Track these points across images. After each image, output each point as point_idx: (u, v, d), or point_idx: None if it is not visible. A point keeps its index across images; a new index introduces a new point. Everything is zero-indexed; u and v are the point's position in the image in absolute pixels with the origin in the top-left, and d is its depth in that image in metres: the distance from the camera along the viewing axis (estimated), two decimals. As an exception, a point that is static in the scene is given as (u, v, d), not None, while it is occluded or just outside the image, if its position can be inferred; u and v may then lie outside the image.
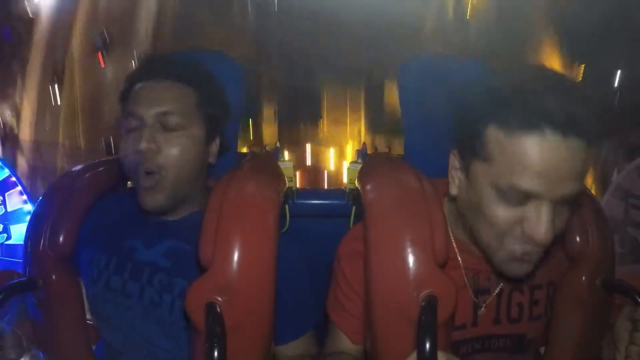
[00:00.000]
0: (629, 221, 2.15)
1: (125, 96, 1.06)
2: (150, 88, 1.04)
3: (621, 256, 2.11)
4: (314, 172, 3.87)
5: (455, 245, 0.95)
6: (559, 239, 0.88)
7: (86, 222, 1.08)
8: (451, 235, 0.96)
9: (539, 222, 0.79)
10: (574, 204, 0.83)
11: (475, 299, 0.96)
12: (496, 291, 0.97)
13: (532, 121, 0.76)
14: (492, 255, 0.88)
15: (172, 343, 1.01)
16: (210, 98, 1.08)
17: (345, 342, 0.99)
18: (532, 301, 0.99)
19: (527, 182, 0.78)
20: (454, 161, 0.91)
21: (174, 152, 1.01)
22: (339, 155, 3.90)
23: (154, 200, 1.01)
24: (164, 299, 1.00)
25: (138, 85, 1.05)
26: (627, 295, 0.93)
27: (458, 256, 0.95)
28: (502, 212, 0.82)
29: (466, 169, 0.87)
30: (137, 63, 1.14)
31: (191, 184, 1.06)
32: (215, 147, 1.10)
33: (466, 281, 0.95)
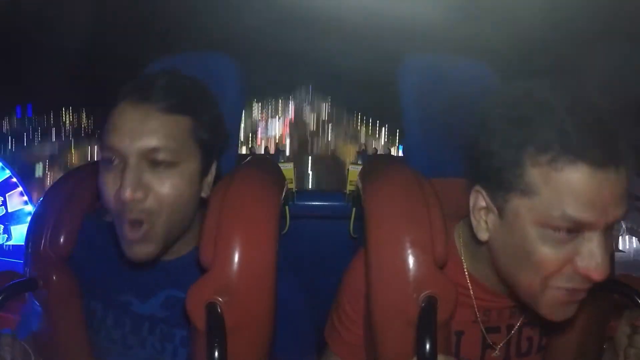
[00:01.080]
0: (629, 222, 2.15)
1: (104, 122, 0.88)
2: (133, 115, 0.85)
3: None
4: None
5: (468, 280, 0.91)
6: None
7: (77, 246, 1.00)
8: (465, 269, 0.91)
9: (595, 255, 0.74)
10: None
11: (485, 337, 0.93)
12: (508, 330, 0.93)
13: (578, 152, 0.71)
14: (534, 301, 0.80)
15: None
16: (207, 122, 0.92)
17: None
18: (541, 332, 0.97)
19: (581, 212, 0.72)
20: (479, 200, 0.81)
21: (165, 194, 0.86)
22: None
23: (142, 252, 0.88)
24: (166, 347, 0.97)
25: (118, 110, 0.87)
26: (626, 297, 0.93)
27: (470, 290, 0.91)
28: (551, 252, 0.75)
29: (500, 208, 0.78)
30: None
31: (184, 226, 0.93)
32: (211, 177, 0.96)
33: (478, 317, 0.92)
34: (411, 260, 0.84)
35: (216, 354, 0.78)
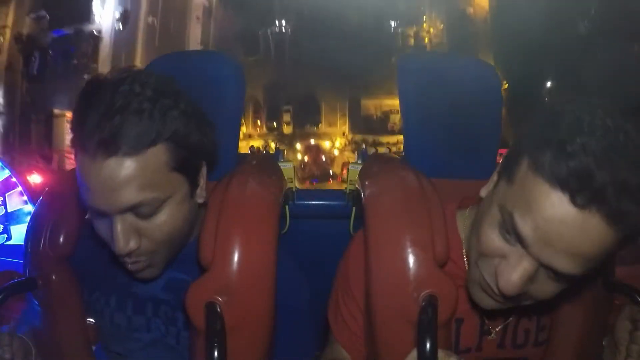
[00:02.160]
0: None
1: (77, 166, 0.82)
2: (102, 174, 0.78)
3: (621, 257, 2.10)
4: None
5: (466, 261, 0.92)
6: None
7: (78, 247, 1.01)
8: (463, 251, 0.93)
9: (512, 270, 0.74)
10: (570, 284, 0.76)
11: (483, 324, 0.94)
12: (504, 318, 0.95)
13: (561, 180, 0.68)
14: (468, 265, 0.85)
15: None
16: (187, 132, 0.85)
17: (343, 354, 0.99)
18: (539, 327, 0.98)
19: (522, 225, 0.71)
20: (499, 164, 0.84)
21: (158, 236, 0.86)
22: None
23: (146, 275, 0.92)
24: (170, 330, 0.98)
25: (86, 169, 0.80)
26: (627, 295, 0.93)
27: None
28: (492, 237, 0.77)
29: (497, 180, 0.82)
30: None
31: (183, 240, 0.95)
32: (203, 181, 0.93)
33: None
34: (411, 260, 0.84)
35: (216, 353, 0.77)
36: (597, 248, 0.69)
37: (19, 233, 2.09)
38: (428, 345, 0.73)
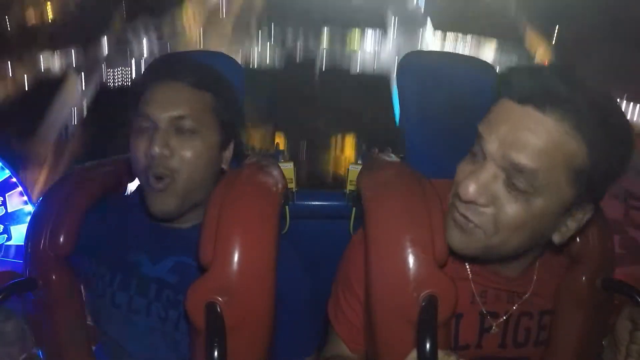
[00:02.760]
0: (629, 222, 2.14)
1: (138, 95, 1.01)
2: (165, 90, 1.00)
3: (621, 257, 2.11)
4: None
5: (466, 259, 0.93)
6: (523, 243, 0.84)
7: (84, 229, 1.05)
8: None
9: (471, 174, 0.81)
10: (538, 202, 0.78)
11: (483, 321, 0.95)
12: (505, 315, 0.95)
13: (508, 91, 0.80)
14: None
15: (177, 358, 1.00)
16: (227, 103, 1.05)
17: (343, 349, 0.99)
18: (540, 326, 0.98)
19: (482, 128, 0.81)
20: None
21: (187, 156, 0.98)
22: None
23: (164, 204, 0.98)
24: (170, 315, 0.99)
25: (152, 86, 1.01)
26: (627, 295, 0.93)
27: (469, 271, 0.94)
28: (462, 166, 0.85)
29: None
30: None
31: (203, 190, 1.01)
32: (229, 153, 1.07)
33: (478, 299, 0.94)
34: (411, 260, 0.84)
35: (216, 353, 0.77)
36: (546, 138, 0.75)
37: (19, 233, 2.09)
38: (428, 345, 0.73)
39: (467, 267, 0.94)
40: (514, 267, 0.94)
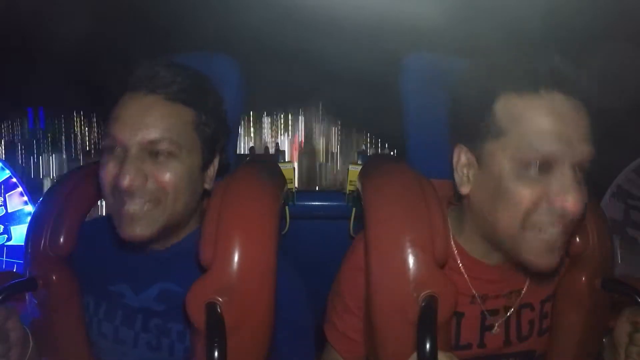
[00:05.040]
0: (629, 222, 2.14)
1: (110, 107, 0.89)
2: (137, 105, 0.87)
3: (621, 256, 2.10)
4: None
5: (459, 257, 0.94)
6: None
7: (76, 245, 1.01)
8: (454, 246, 0.94)
9: (567, 188, 0.76)
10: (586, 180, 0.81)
11: (484, 320, 0.95)
12: (505, 311, 0.95)
13: (540, 82, 0.77)
14: (517, 246, 0.82)
15: None
16: (212, 117, 0.94)
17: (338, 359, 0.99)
18: (541, 315, 0.98)
19: (547, 143, 0.76)
20: (460, 156, 0.87)
21: (164, 181, 0.87)
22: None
23: (137, 232, 0.88)
24: (163, 342, 0.96)
25: (123, 100, 0.88)
26: (626, 295, 0.93)
27: (462, 269, 0.94)
28: (525, 189, 0.78)
29: (478, 157, 0.84)
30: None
31: (182, 215, 0.94)
32: (213, 169, 0.98)
33: (477, 298, 0.94)
34: (411, 260, 0.84)
35: (216, 353, 0.77)
36: (589, 124, 0.78)
37: (19, 233, 2.09)
38: (428, 346, 0.74)
39: (459, 262, 0.94)
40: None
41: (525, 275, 0.96)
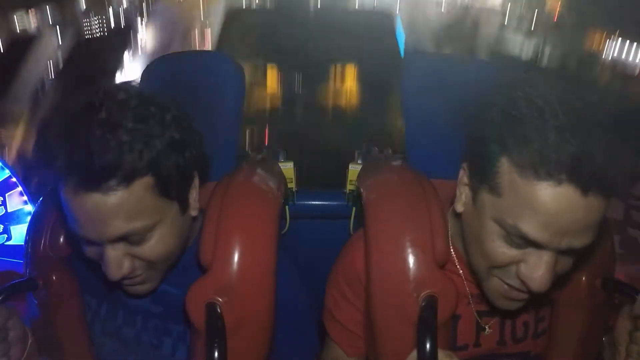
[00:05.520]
0: (629, 222, 2.14)
1: (60, 195, 0.79)
2: (88, 207, 0.76)
3: (621, 256, 2.10)
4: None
5: (457, 261, 0.93)
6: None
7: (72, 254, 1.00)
8: (451, 248, 0.93)
9: (537, 269, 0.75)
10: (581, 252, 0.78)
11: (478, 320, 0.95)
12: (500, 313, 0.94)
13: (550, 169, 0.69)
14: (481, 281, 0.85)
15: None
16: (170, 161, 0.81)
17: (340, 354, 0.99)
18: (537, 318, 0.98)
19: (533, 230, 0.72)
20: (464, 177, 0.84)
21: (151, 258, 0.84)
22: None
23: (142, 290, 0.90)
24: (164, 342, 0.97)
25: (70, 201, 0.77)
26: (627, 295, 0.93)
27: (461, 272, 0.94)
28: (500, 250, 0.77)
29: (474, 192, 0.81)
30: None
31: (179, 252, 0.92)
32: (195, 193, 0.90)
33: (470, 299, 0.94)
34: (411, 260, 0.84)
35: (216, 354, 0.78)
36: (599, 216, 0.72)
37: (19, 233, 2.08)
38: (428, 346, 0.74)
39: (461, 272, 0.93)
40: None
41: None
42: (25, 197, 2.07)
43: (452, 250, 0.93)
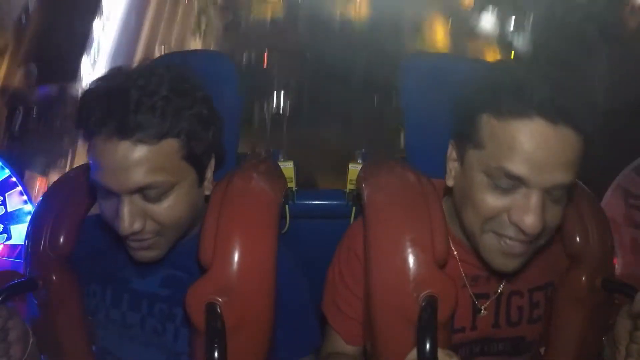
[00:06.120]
0: (629, 221, 2.14)
1: (88, 147, 0.86)
2: (115, 154, 0.82)
3: (621, 257, 2.10)
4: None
5: (452, 243, 0.94)
6: (551, 236, 0.87)
7: (77, 246, 1.02)
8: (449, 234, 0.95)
9: (527, 208, 0.79)
10: (565, 200, 0.83)
11: (475, 302, 0.96)
12: (495, 295, 0.97)
13: (522, 107, 0.78)
14: (477, 243, 0.87)
15: None
16: (197, 134, 0.88)
17: (341, 344, 1.00)
18: (531, 304, 0.99)
19: (515, 166, 0.78)
20: (452, 152, 0.91)
21: (163, 219, 0.87)
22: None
23: (147, 256, 0.91)
24: (167, 327, 0.98)
25: (99, 146, 0.83)
26: (627, 295, 0.93)
27: (455, 254, 0.95)
28: (490, 199, 0.82)
29: (461, 158, 0.88)
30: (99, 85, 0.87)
31: (187, 227, 0.95)
32: (210, 172, 0.96)
33: (466, 281, 0.95)
34: (411, 260, 0.84)
35: (216, 354, 0.78)
36: (574, 153, 0.79)
37: (19, 233, 2.09)
38: (428, 345, 0.74)
39: (456, 254, 0.95)
40: None
41: None
42: (25, 197, 2.07)
43: (450, 238, 0.94)
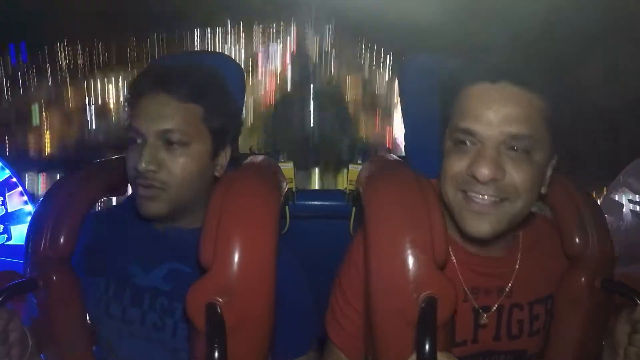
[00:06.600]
0: (629, 221, 2.14)
1: (129, 105, 1.03)
2: (153, 103, 1.00)
3: (620, 257, 2.10)
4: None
5: (450, 249, 0.94)
6: (527, 204, 0.90)
7: (80, 239, 1.05)
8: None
9: (480, 158, 0.85)
10: (536, 162, 0.87)
11: (475, 315, 0.96)
12: (495, 307, 0.97)
13: (472, 76, 0.89)
14: (453, 211, 0.91)
15: None
16: (218, 111, 1.04)
17: (341, 357, 1.00)
18: (532, 317, 0.99)
19: (466, 122, 0.87)
20: (442, 141, 0.95)
21: (176, 168, 0.99)
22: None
23: (153, 208, 0.99)
24: (166, 322, 0.99)
25: (141, 98, 1.01)
26: (626, 296, 0.93)
27: (454, 260, 0.96)
28: (454, 160, 0.89)
29: (444, 141, 0.93)
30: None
31: (194, 197, 1.03)
32: (223, 158, 1.07)
33: (466, 294, 0.95)
34: (411, 261, 0.84)
35: (216, 354, 0.78)
36: (521, 105, 0.86)
37: (19, 233, 2.09)
38: (427, 347, 0.74)
39: (454, 260, 0.95)
40: (502, 245, 0.97)
41: (509, 270, 0.98)
42: (25, 197, 2.07)
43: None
